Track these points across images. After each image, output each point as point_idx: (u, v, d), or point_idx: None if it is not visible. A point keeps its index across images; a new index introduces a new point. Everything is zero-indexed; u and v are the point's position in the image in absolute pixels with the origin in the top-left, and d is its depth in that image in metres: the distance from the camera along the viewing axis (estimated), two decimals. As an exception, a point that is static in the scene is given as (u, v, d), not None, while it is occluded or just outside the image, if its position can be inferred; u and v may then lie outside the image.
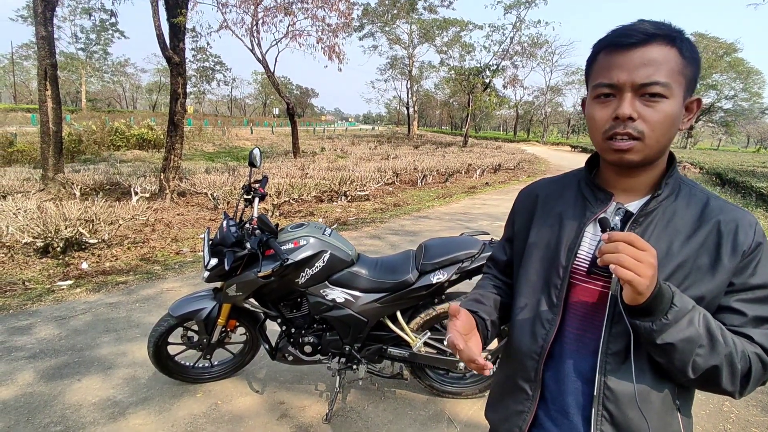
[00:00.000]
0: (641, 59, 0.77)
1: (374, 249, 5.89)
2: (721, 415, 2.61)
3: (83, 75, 44.14)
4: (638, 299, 0.73)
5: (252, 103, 79.89)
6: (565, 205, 0.95)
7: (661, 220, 0.85)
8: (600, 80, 0.81)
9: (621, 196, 0.89)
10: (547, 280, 0.92)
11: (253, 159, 2.49)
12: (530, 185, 1.08)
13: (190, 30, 17.79)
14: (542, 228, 0.97)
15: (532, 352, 0.92)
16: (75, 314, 3.66)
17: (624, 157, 0.80)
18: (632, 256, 0.70)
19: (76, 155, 16.84)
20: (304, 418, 2.46)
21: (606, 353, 0.84)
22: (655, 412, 0.83)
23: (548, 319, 0.91)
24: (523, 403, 0.95)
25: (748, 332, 0.80)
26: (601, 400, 0.84)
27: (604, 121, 0.81)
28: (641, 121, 0.77)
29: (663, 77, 0.76)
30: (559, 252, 0.91)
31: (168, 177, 8.91)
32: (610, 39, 0.80)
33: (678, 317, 0.74)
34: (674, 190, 0.87)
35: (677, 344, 0.75)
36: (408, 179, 13.41)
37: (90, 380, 2.74)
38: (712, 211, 0.84)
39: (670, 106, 0.78)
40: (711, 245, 0.82)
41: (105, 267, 4.96)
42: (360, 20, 31.46)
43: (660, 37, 0.77)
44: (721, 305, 0.82)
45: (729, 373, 0.77)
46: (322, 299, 2.34)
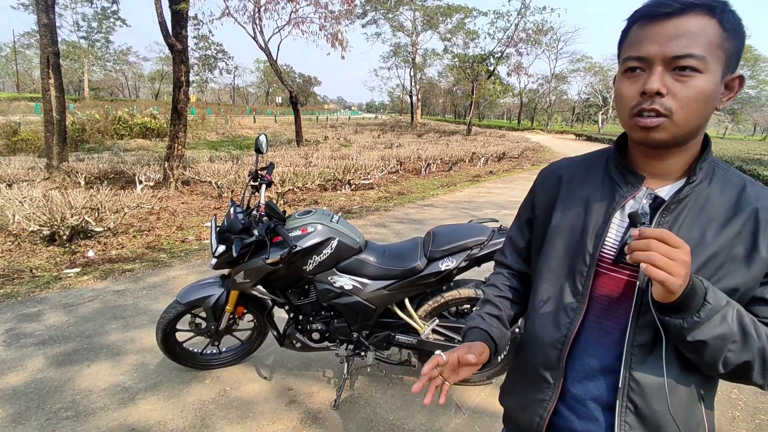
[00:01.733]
0: (676, 30, 0.71)
1: (379, 237, 5.88)
2: (729, 403, 2.61)
3: (85, 63, 43.95)
4: (670, 297, 0.69)
5: (254, 92, 79.52)
6: (592, 188, 0.90)
7: (694, 207, 0.79)
8: (629, 53, 0.76)
9: (650, 180, 0.84)
10: (572, 267, 0.88)
11: (260, 145, 2.47)
12: (552, 165, 1.03)
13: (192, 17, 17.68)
14: (567, 212, 0.91)
15: (555, 341, 0.89)
16: (83, 301, 3.68)
17: (650, 135, 0.75)
18: (665, 254, 0.66)
19: (80, 144, 16.84)
20: (312, 404, 2.47)
21: (632, 344, 0.81)
22: (681, 403, 0.81)
23: (573, 308, 0.87)
24: (544, 392, 0.91)
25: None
26: (626, 392, 0.81)
27: (631, 97, 0.75)
28: (671, 97, 0.72)
29: (698, 50, 0.70)
30: (586, 238, 0.86)
31: (172, 165, 8.91)
32: (646, 9, 0.75)
33: (710, 315, 0.70)
34: (708, 174, 0.82)
35: (709, 341, 0.71)
36: (412, 168, 13.35)
37: (99, 366, 2.76)
38: (749, 197, 0.79)
39: (704, 82, 0.71)
40: (747, 234, 0.77)
41: (111, 255, 4.97)
42: (363, 7, 31.09)
43: (699, 7, 0.71)
44: (755, 296, 0.78)
45: (761, 366, 0.75)
46: (330, 286, 2.34)
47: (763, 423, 2.43)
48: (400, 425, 2.33)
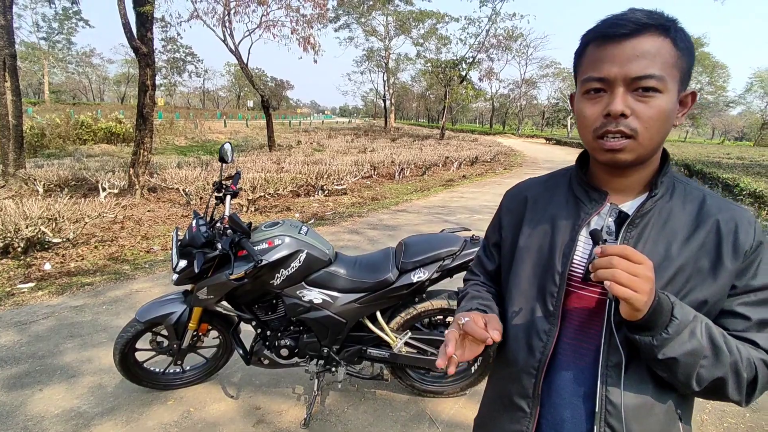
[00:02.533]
0: (633, 51, 0.71)
1: (353, 244, 5.80)
2: (698, 405, 2.63)
3: (46, 66, 42.28)
4: (636, 315, 0.69)
5: (225, 96, 78.15)
6: (557, 207, 0.89)
7: (658, 222, 0.80)
8: (590, 74, 0.75)
9: (614, 196, 0.84)
10: (542, 287, 0.86)
11: (224, 154, 2.37)
12: (517, 186, 1.02)
13: (159, 19, 17.26)
14: (534, 232, 0.90)
15: (530, 366, 0.86)
16: (36, 319, 3.46)
17: (616, 156, 0.75)
18: (628, 270, 0.65)
19: (39, 150, 16.15)
20: (281, 423, 2.37)
21: (606, 365, 0.79)
22: (658, 422, 0.79)
23: (545, 330, 0.85)
24: (520, 422, 0.88)
25: (752, 337, 0.76)
26: (603, 416, 0.79)
27: (595, 119, 0.75)
28: (634, 117, 0.72)
29: (657, 70, 0.71)
30: (554, 257, 0.85)
31: (137, 172, 8.60)
32: (600, 30, 0.74)
33: (679, 330, 0.70)
34: (669, 189, 0.82)
35: (680, 358, 0.71)
36: (386, 172, 13.33)
37: (53, 390, 2.59)
38: (710, 209, 0.80)
39: (664, 101, 0.72)
40: (711, 246, 0.77)
41: (70, 267, 4.73)
42: (335, 11, 31.01)
43: (653, 27, 0.71)
44: (724, 309, 0.78)
45: (735, 382, 0.74)
46: (298, 301, 2.25)
47: (731, 426, 2.48)
48: (373, 442, 2.26)
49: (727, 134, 71.48)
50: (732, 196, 10.11)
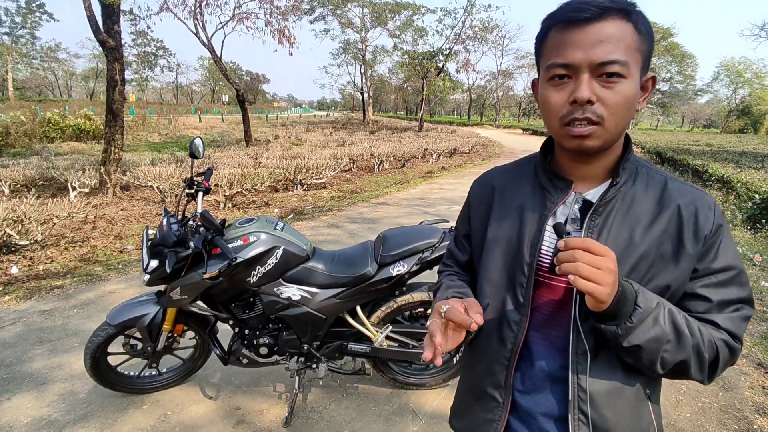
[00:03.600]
0: (597, 35, 0.70)
1: (333, 238, 5.75)
2: (673, 386, 2.71)
3: (9, 61, 40.57)
4: (600, 306, 0.70)
5: (200, 90, 76.45)
6: (524, 197, 0.89)
7: (621, 208, 0.80)
8: (554, 60, 0.74)
9: (578, 184, 0.84)
10: (512, 278, 0.86)
11: (195, 150, 2.29)
12: (483, 175, 1.01)
13: (127, 12, 16.72)
14: (502, 222, 0.90)
15: (501, 357, 0.87)
16: (3, 325, 3.32)
17: (584, 143, 0.75)
18: (590, 263, 0.66)
19: (4, 149, 15.50)
20: (262, 422, 2.33)
21: (576, 353, 0.80)
22: (629, 406, 0.81)
23: (515, 321, 0.85)
24: (493, 411, 0.89)
25: (713, 318, 0.79)
26: (577, 403, 0.80)
27: (561, 106, 0.75)
28: (600, 104, 0.72)
29: (621, 55, 0.70)
30: (522, 248, 0.85)
31: (109, 170, 8.33)
32: (563, 14, 0.73)
33: (642, 318, 0.71)
34: (632, 174, 0.83)
35: (644, 345, 0.72)
36: (365, 165, 13.27)
37: (21, 398, 2.48)
38: (671, 194, 0.81)
39: (629, 87, 0.72)
40: (673, 231, 0.78)
41: (38, 270, 4.55)
42: (310, 3, 30.59)
43: (615, 11, 0.70)
44: (686, 292, 0.80)
45: (697, 363, 0.76)
46: (276, 298, 2.20)
47: (706, 405, 2.54)
48: (356, 438, 2.24)
49: (696, 122, 73.52)
50: (701, 182, 10.40)
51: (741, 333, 0.80)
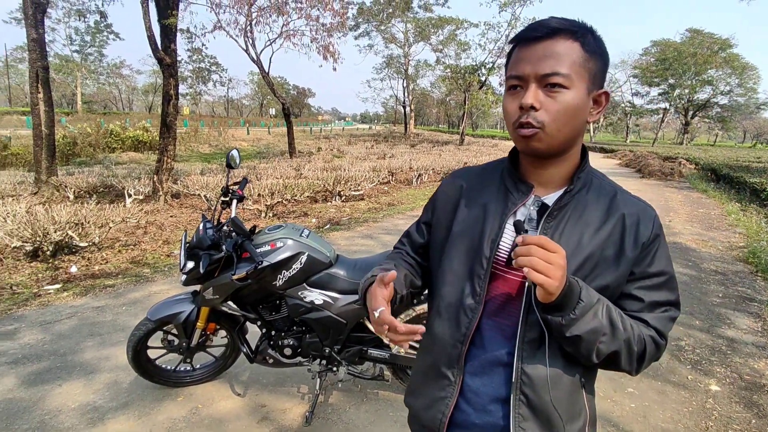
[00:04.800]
0: (544, 52, 0.81)
1: (366, 249, 5.88)
2: (704, 413, 2.61)
3: (78, 77, 44.04)
4: (549, 298, 0.77)
5: (249, 104, 79.72)
6: (488, 196, 0.97)
7: (574, 213, 0.88)
8: (510, 72, 0.86)
9: (539, 188, 0.93)
10: (471, 269, 0.94)
11: (231, 160, 2.48)
12: (454, 173, 1.10)
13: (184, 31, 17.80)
14: (467, 218, 0.98)
15: (455, 339, 0.95)
16: (60, 318, 3.64)
17: (529, 144, 0.84)
18: (543, 258, 0.74)
19: (71, 158, 16.80)
20: (284, 420, 2.45)
21: (523, 340, 0.88)
22: (565, 392, 0.89)
23: (471, 308, 0.93)
24: (445, 389, 0.96)
25: (644, 317, 0.88)
26: (519, 385, 0.88)
27: (514, 112, 0.84)
28: (543, 111, 0.81)
29: (563, 68, 0.80)
30: (483, 243, 0.93)
31: (161, 179, 8.89)
32: (521, 34, 0.85)
33: (584, 311, 0.79)
34: (586, 184, 0.91)
35: (583, 335, 0.80)
36: (403, 178, 13.39)
37: (71, 385, 2.73)
38: (618, 204, 0.89)
39: (570, 97, 0.81)
40: (616, 237, 0.87)
41: (94, 270, 4.94)
42: (355, 19, 31.40)
43: (563, 32, 0.81)
44: (623, 292, 0.89)
45: (627, 355, 0.85)
46: (300, 301, 2.33)
47: (736, 433, 2.43)
48: (372, 441, 2.31)
49: (760, 137, 68.96)
50: (759, 200, 9.78)
51: (667, 331, 0.90)
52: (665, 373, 3.05)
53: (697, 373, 3.07)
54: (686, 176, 16.37)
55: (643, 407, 2.66)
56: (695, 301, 4.35)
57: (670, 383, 2.93)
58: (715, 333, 3.69)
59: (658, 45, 45.50)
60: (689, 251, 6.21)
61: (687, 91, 44.72)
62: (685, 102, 46.16)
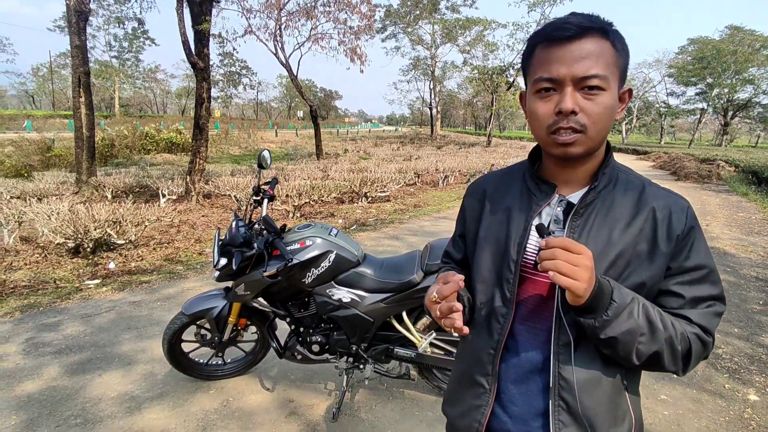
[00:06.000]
0: (579, 52, 0.78)
1: (392, 249, 5.90)
2: (741, 423, 2.51)
3: (116, 82, 45.76)
4: (578, 301, 0.76)
5: (277, 107, 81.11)
6: (512, 199, 0.96)
7: (602, 210, 0.86)
8: (540, 74, 0.82)
9: (563, 187, 0.91)
10: (499, 274, 0.92)
11: (262, 161, 2.55)
12: (478, 180, 1.09)
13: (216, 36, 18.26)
14: (492, 223, 0.97)
15: (489, 347, 0.93)
16: (100, 312, 3.81)
17: (568, 150, 0.82)
18: (569, 261, 0.72)
19: (109, 159, 17.50)
20: (312, 416, 2.49)
21: (558, 344, 0.86)
22: (606, 395, 0.86)
23: (502, 314, 0.92)
24: (480, 398, 0.95)
25: (686, 313, 0.84)
26: (557, 390, 0.86)
27: (547, 116, 0.82)
28: (583, 114, 0.79)
29: (601, 70, 0.78)
30: (509, 247, 0.91)
31: (194, 179, 9.16)
32: (547, 33, 0.81)
33: (618, 312, 0.77)
34: (612, 179, 0.89)
35: (619, 337, 0.78)
36: (429, 180, 13.37)
37: (110, 375, 2.86)
38: (648, 197, 0.86)
39: (608, 98, 0.79)
40: (648, 232, 0.84)
41: (131, 267, 5.14)
42: (382, 22, 31.54)
43: (594, 30, 0.78)
44: (661, 289, 0.86)
45: (670, 355, 0.81)
46: (328, 299, 2.37)
47: None
48: (398, 439, 2.33)
49: (807, 138, 65.47)
50: (805, 204, 9.32)
51: (713, 328, 0.85)
52: (701, 381, 2.95)
53: (735, 381, 2.96)
54: (725, 179, 15.74)
55: (677, 415, 2.58)
56: (734, 308, 4.19)
57: (705, 391, 2.84)
58: (754, 341, 3.55)
59: (696, 43, 43.85)
60: (728, 256, 5.97)
61: (726, 90, 42.88)
62: (725, 102, 44.28)
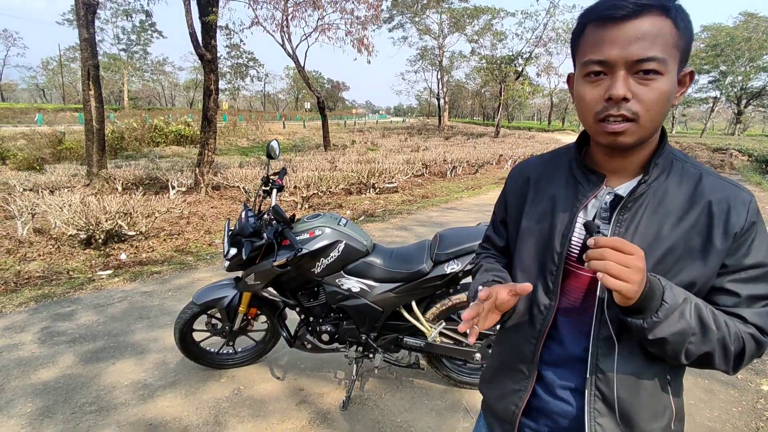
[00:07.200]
0: (634, 33, 0.70)
1: (401, 240, 5.90)
2: (755, 413, 2.49)
3: (125, 75, 46.00)
4: (628, 302, 0.72)
5: (285, 98, 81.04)
6: (557, 188, 0.92)
7: (652, 203, 0.81)
8: (590, 56, 0.75)
9: (612, 177, 0.86)
10: (543, 265, 0.90)
11: (271, 151, 2.55)
12: (520, 164, 1.05)
13: (223, 27, 18.24)
14: (536, 212, 0.94)
15: (531, 336, 0.92)
16: (112, 302, 3.86)
17: (618, 139, 0.75)
18: (619, 261, 0.68)
19: (119, 151, 17.60)
20: (322, 404, 2.51)
21: (597, 337, 0.84)
22: (646, 389, 0.84)
23: (545, 305, 0.90)
24: (519, 383, 0.95)
25: (741, 312, 0.79)
26: (594, 380, 0.85)
27: (596, 102, 0.75)
28: (635, 101, 0.72)
29: (659, 52, 0.70)
30: (554, 238, 0.88)
31: (202, 171, 9.20)
32: (600, 10, 0.73)
33: (669, 313, 0.72)
34: (665, 168, 0.83)
35: (669, 338, 0.74)
36: (437, 171, 13.32)
37: (124, 364, 2.90)
38: (704, 189, 0.80)
39: (665, 83, 0.72)
40: (702, 227, 0.78)
41: (142, 257, 5.20)
42: (389, 11, 31.27)
43: (653, 8, 0.70)
44: (715, 286, 0.80)
45: (722, 355, 0.77)
46: (338, 289, 2.38)
47: None
48: (407, 428, 2.34)
49: (823, 127, 64.23)
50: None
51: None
52: (713, 371, 2.90)
53: (748, 372, 2.94)
54: (738, 168, 15.51)
55: (689, 405, 2.56)
56: (746, 298, 4.14)
57: (718, 382, 2.81)
58: (768, 332, 3.51)
59: (709, 30, 42.95)
60: (741, 246, 5.89)
61: (740, 78, 42.07)
62: (738, 90, 43.48)
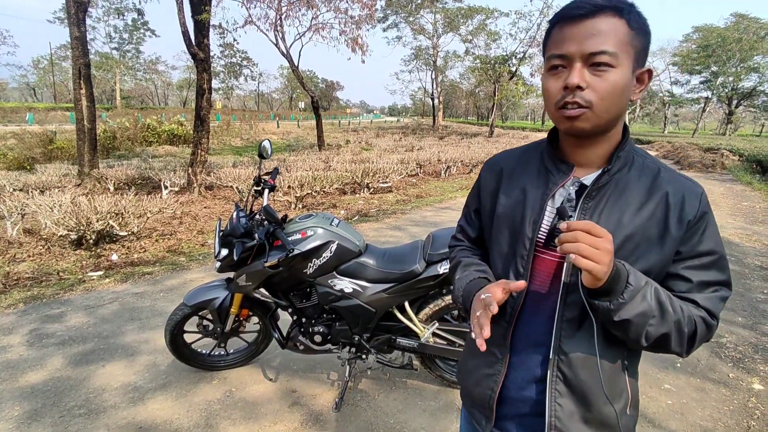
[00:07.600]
0: (590, 30, 0.78)
1: (395, 240, 5.89)
2: (746, 412, 2.51)
3: (117, 74, 45.57)
4: (597, 283, 0.77)
5: (279, 98, 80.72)
6: (529, 178, 0.97)
7: (614, 193, 0.87)
8: (552, 52, 0.83)
9: (579, 169, 0.92)
10: (515, 250, 0.95)
11: (263, 151, 2.53)
12: (494, 157, 1.10)
13: (216, 26, 18.13)
14: (509, 201, 0.99)
15: (503, 319, 0.96)
16: (103, 303, 3.82)
17: (574, 124, 0.82)
18: (590, 244, 0.73)
19: (111, 151, 17.46)
20: (314, 406, 2.50)
21: (561, 320, 0.89)
22: (605, 371, 0.88)
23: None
24: (493, 366, 0.99)
25: (693, 297, 0.86)
26: (556, 362, 0.90)
27: (556, 92, 0.83)
28: (590, 90, 0.79)
29: (610, 46, 0.78)
30: (525, 224, 0.93)
31: (195, 171, 9.14)
32: (563, 12, 0.82)
33: (633, 295, 0.78)
34: (627, 162, 0.89)
35: (632, 319, 0.79)
36: (432, 170, 13.32)
37: (114, 366, 2.87)
38: (662, 182, 0.87)
39: (617, 76, 0.79)
40: (660, 216, 0.85)
41: (133, 258, 5.15)
42: (383, 11, 31.25)
43: (608, 9, 0.79)
44: (669, 272, 0.87)
45: (677, 337, 0.83)
46: (330, 289, 2.36)
47: None
48: (401, 428, 2.33)
49: (813, 127, 64.85)
50: (810, 193, 9.26)
51: (718, 312, 0.87)
52: (705, 371, 2.94)
53: (739, 371, 2.96)
54: (729, 168, 15.63)
55: (681, 404, 2.58)
56: (738, 297, 4.17)
57: (709, 380, 2.83)
58: (759, 330, 3.54)
59: (700, 31, 43.29)
60: (732, 245, 5.94)
61: (731, 78, 42.45)
62: (729, 90, 43.85)
